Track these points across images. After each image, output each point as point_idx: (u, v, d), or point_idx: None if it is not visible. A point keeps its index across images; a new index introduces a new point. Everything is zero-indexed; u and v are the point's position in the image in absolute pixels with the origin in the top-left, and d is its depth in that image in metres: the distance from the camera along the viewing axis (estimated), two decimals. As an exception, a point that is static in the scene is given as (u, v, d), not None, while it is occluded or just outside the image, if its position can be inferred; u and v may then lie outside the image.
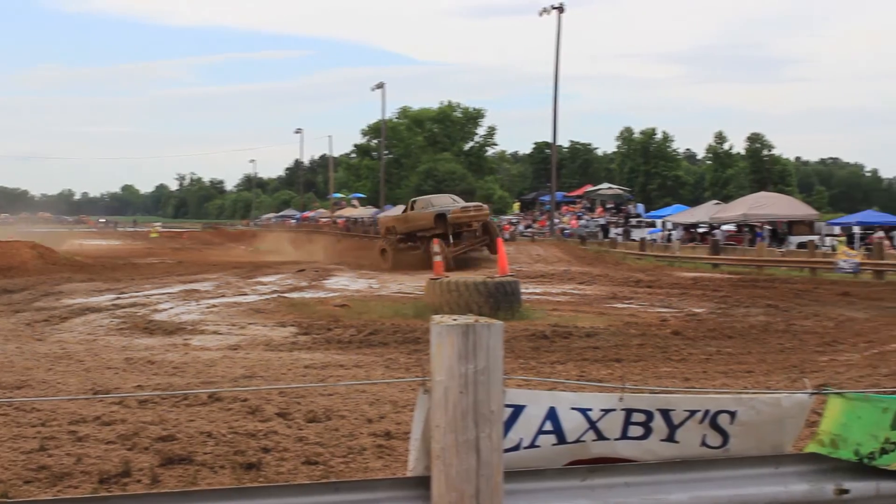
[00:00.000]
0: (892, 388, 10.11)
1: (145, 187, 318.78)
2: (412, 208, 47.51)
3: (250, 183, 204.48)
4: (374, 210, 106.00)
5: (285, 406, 9.90)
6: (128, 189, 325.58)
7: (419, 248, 45.14)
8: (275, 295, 27.82)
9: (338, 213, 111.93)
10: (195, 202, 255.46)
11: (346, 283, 35.60)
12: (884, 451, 4.17)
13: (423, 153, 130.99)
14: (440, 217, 44.19)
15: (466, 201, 48.47)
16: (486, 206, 48.41)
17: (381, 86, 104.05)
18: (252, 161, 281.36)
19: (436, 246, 30.10)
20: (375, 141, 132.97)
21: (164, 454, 7.92)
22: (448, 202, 46.89)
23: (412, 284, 32.36)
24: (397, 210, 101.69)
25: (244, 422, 9.24)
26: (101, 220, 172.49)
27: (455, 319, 3.82)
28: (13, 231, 71.71)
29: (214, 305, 24.19)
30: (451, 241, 43.34)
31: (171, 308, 23.35)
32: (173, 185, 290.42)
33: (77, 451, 8.03)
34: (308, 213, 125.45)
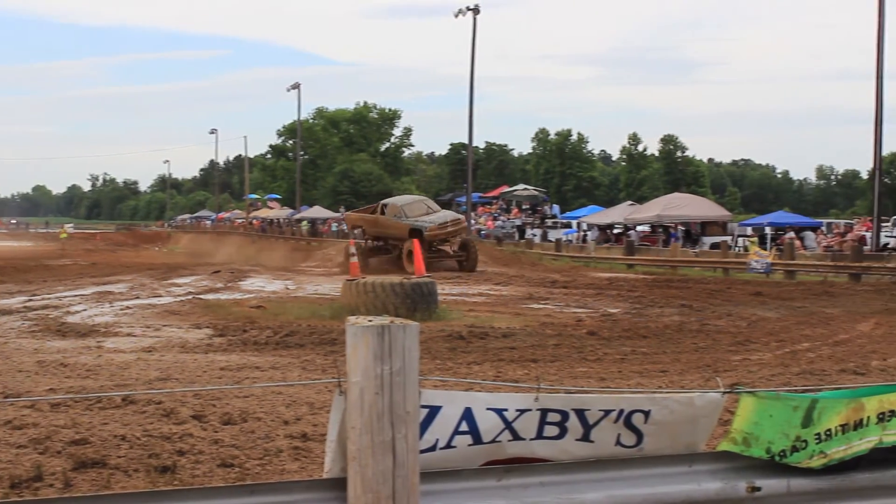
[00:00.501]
0: (804, 387, 10.26)
1: (57, 188, 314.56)
2: (382, 212, 44.31)
3: (164, 184, 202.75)
4: (290, 211, 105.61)
5: (200, 408, 9.82)
6: (39, 190, 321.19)
7: (391, 252, 43.62)
8: (190, 296, 27.58)
9: (253, 214, 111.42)
10: (108, 203, 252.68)
11: (261, 284, 35.41)
12: (795, 449, 4.23)
13: (340, 154, 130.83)
14: (415, 232, 40.67)
15: (406, 208, 44.69)
16: (462, 217, 46.41)
17: (296, 86, 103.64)
18: (166, 162, 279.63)
19: (352, 247, 30.01)
20: (291, 142, 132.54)
21: (77, 458, 7.82)
22: (421, 210, 43.93)
23: (329, 286, 32.28)
24: (316, 211, 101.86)
25: (159, 424, 9.15)
26: (12, 222, 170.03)
27: (371, 320, 3.82)
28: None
29: (128, 307, 23.93)
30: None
31: (85, 310, 23.06)
32: (86, 186, 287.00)
33: (-13, 456, 7.91)
34: (223, 215, 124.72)
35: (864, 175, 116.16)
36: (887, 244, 45.67)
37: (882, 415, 4.31)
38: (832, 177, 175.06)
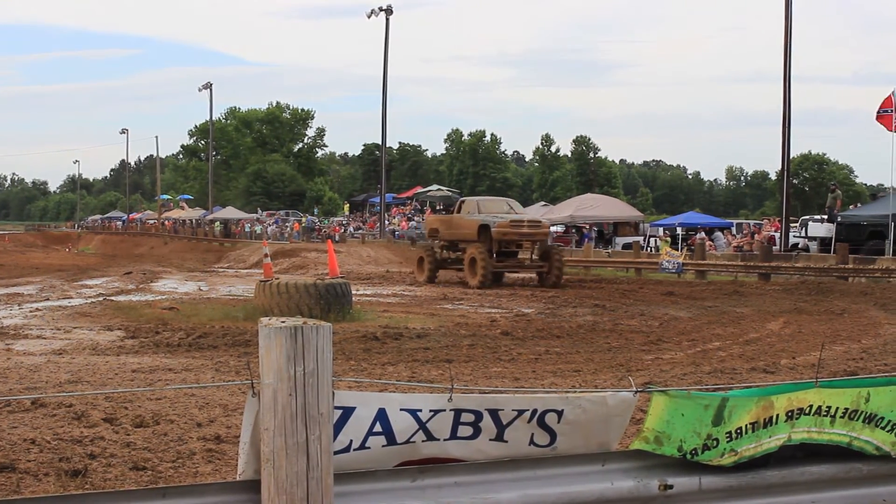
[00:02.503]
0: (715, 386, 10.37)
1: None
2: (459, 210, 37.52)
3: (75, 184, 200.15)
4: (203, 212, 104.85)
5: (112, 411, 9.70)
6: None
7: (462, 260, 35.76)
8: (101, 298, 27.25)
9: (165, 214, 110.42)
10: (17, 204, 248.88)
11: (174, 285, 35.13)
12: (706, 447, 4.28)
13: (252, 154, 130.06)
14: (484, 228, 34.52)
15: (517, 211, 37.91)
16: (544, 222, 38.01)
17: (208, 86, 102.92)
18: (76, 162, 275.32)
19: (265, 248, 29.78)
20: (203, 142, 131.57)
21: (-14, 462, 7.69)
22: (500, 209, 36.62)
23: (243, 287, 32.11)
24: (229, 212, 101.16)
25: (69, 428, 9.03)
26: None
27: (283, 322, 3.81)
28: None
29: (38, 309, 23.60)
30: (495, 256, 34.48)
31: (-7, 312, 22.71)
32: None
33: None
34: (135, 215, 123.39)
35: (773, 176, 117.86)
36: (796, 244, 46.31)
37: (791, 413, 4.38)
38: (742, 178, 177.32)
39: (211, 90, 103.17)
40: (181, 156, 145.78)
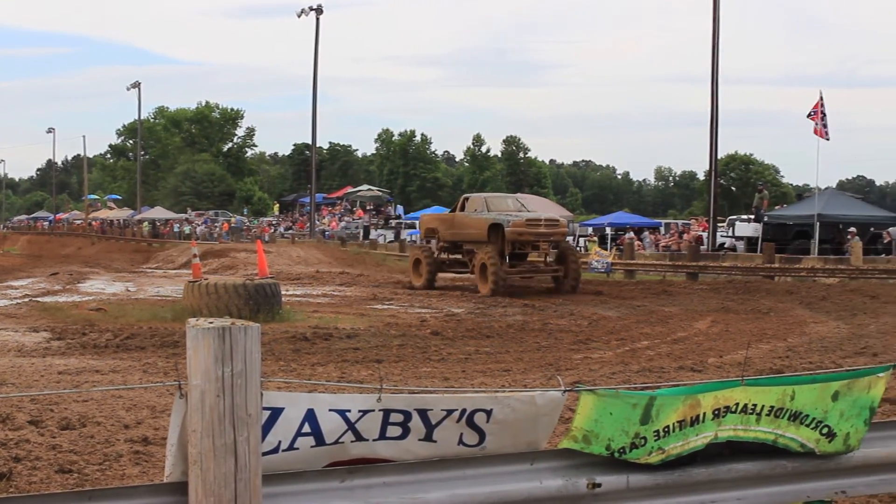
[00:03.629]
0: (643, 385, 10.46)
1: None
2: (462, 208, 33.53)
3: (0, 184, 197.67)
4: (131, 212, 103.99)
5: (38, 413, 9.61)
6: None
7: (466, 265, 32.89)
8: (26, 299, 26.96)
9: (93, 214, 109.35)
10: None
11: (102, 286, 34.84)
12: (634, 446, 4.30)
13: (181, 154, 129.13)
14: (495, 228, 30.90)
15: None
16: (562, 220, 33.76)
17: (136, 85, 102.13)
18: (1, 161, 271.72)
19: (194, 248, 29.45)
20: (131, 141, 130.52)
21: None
22: (510, 207, 32.90)
23: (171, 287, 31.90)
24: (158, 212, 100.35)
25: (-7, 431, 8.93)
26: None
27: (211, 322, 3.78)
28: None
29: (-38, 311, 23.30)
30: (508, 259, 30.86)
31: (-85, 314, 22.38)
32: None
33: None
34: (62, 216, 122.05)
35: (701, 176, 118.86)
36: (723, 244, 46.80)
37: (717, 411, 4.42)
38: (670, 178, 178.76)
39: (139, 89, 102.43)
40: (109, 155, 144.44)
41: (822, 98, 40.87)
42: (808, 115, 40.80)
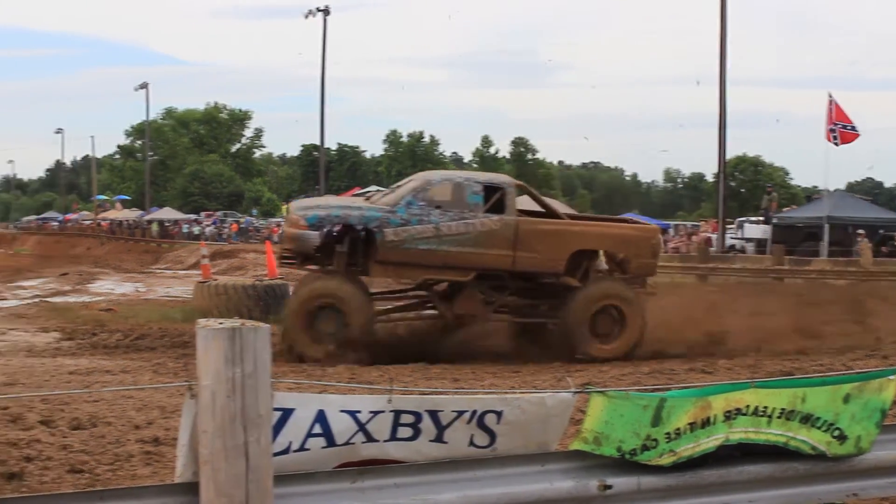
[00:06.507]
0: (653, 386, 10.46)
1: None
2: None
3: (9, 184, 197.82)
4: (140, 212, 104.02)
5: (49, 414, 9.60)
6: None
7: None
8: (37, 300, 26.99)
9: (102, 215, 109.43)
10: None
11: (111, 286, 34.87)
12: (645, 448, 4.30)
13: (190, 155, 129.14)
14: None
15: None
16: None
17: (144, 86, 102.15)
18: (10, 162, 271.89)
19: (203, 249, 29.29)
20: (140, 142, 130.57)
21: (-82, 467, 7.59)
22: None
23: (180, 288, 31.91)
24: (166, 212, 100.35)
25: (5, 430, 8.92)
26: None
27: (221, 323, 3.78)
28: None
29: (-28, 311, 23.34)
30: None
31: (-74, 314, 22.43)
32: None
33: None
34: (71, 216, 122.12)
35: (710, 178, 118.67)
36: (732, 246, 46.75)
37: (728, 413, 4.42)
38: (679, 180, 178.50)
39: (147, 90, 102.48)
40: (118, 156, 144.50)
41: (833, 100, 40.78)
42: (832, 129, 40.59)
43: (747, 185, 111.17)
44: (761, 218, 47.27)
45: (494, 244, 16.27)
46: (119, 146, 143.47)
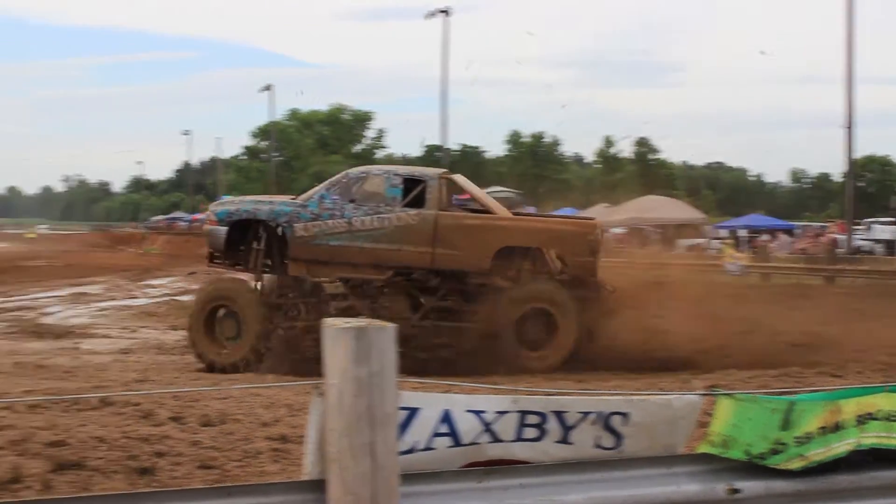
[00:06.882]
0: (781, 389, 10.30)
1: (30, 189, 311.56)
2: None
3: (139, 185, 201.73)
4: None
5: (179, 410, 9.76)
6: (12, 191, 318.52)
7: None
8: (166, 298, 27.50)
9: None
10: (82, 204, 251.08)
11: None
12: (774, 452, 4.24)
13: (313, 155, 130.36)
14: None
15: None
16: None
17: (268, 88, 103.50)
18: (140, 163, 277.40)
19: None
20: (265, 143, 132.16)
21: (56, 460, 7.74)
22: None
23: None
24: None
25: (137, 426, 9.09)
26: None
27: (348, 322, 3.81)
28: None
29: (104, 309, 23.90)
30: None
31: (60, 311, 23.02)
32: (59, 187, 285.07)
33: (-36, 458, 7.83)
34: (198, 216, 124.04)
35: (837, 178, 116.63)
36: (860, 247, 45.87)
37: (861, 417, 4.33)
38: (805, 180, 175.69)
39: (272, 92, 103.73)
40: (244, 156, 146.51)
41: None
42: None
43: (876, 185, 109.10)
44: (891, 219, 46.29)
45: (412, 240, 15.41)
46: (245, 147, 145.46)
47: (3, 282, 33.85)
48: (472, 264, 15.28)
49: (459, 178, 17.15)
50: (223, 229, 15.78)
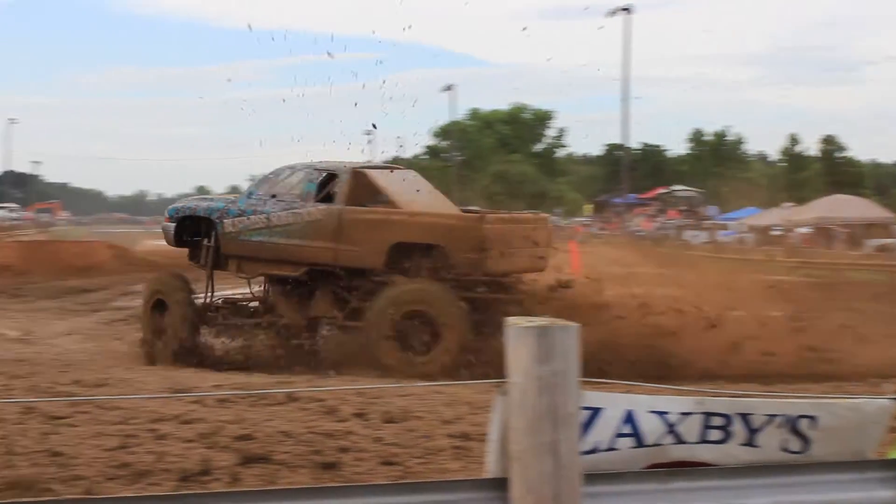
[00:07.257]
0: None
1: (219, 188, 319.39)
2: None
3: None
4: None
5: (362, 406, 9.88)
6: (202, 190, 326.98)
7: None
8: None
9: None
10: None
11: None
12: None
13: (494, 155, 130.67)
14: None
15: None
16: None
17: (449, 88, 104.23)
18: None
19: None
20: (447, 142, 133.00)
21: (243, 453, 7.92)
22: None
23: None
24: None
25: (321, 422, 9.24)
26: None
27: (531, 321, 3.82)
28: (89, 231, 72.17)
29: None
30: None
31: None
32: (246, 186, 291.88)
33: (157, 449, 8.04)
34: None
35: None
36: None
37: None
38: None
39: (453, 92, 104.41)
40: (425, 156, 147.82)
41: None
42: None
43: None
44: None
45: (318, 236, 15.03)
46: (427, 146, 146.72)
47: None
48: (368, 261, 14.79)
49: (372, 172, 16.03)
50: (172, 225, 16.47)
